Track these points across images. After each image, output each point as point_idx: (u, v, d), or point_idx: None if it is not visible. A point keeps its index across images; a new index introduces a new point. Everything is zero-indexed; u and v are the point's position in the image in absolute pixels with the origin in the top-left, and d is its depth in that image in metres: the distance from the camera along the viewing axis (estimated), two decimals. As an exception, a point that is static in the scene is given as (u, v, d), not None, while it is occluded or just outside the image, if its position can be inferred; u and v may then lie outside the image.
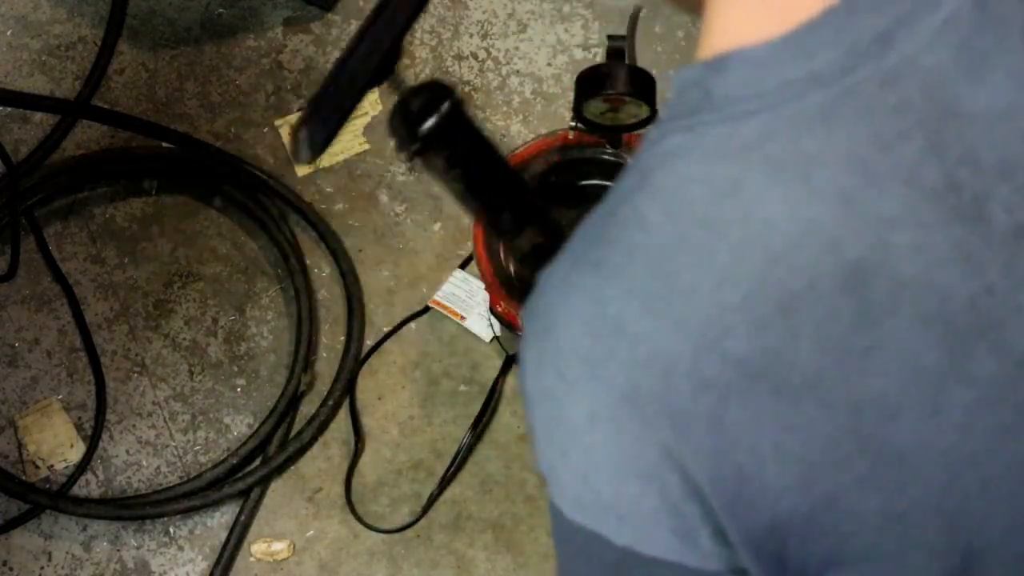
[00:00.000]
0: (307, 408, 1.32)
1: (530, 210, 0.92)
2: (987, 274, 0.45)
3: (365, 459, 1.30)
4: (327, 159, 1.43)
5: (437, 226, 1.39)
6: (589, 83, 1.05)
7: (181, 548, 1.26)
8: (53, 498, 1.25)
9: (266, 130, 1.44)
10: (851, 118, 0.45)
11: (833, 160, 0.45)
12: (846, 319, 0.45)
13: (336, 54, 1.48)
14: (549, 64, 1.47)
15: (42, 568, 1.25)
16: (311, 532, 1.27)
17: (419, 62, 1.48)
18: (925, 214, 0.45)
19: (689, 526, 0.48)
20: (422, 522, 1.27)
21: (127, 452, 1.30)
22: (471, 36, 1.49)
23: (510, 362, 1.32)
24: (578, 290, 0.48)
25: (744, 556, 0.49)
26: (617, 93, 1.04)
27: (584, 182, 1.19)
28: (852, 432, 0.46)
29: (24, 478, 1.28)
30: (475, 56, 1.48)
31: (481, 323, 1.33)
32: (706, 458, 0.47)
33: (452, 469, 1.27)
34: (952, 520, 0.46)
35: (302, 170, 1.42)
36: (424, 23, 1.49)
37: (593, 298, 0.48)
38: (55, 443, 1.30)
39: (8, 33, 1.50)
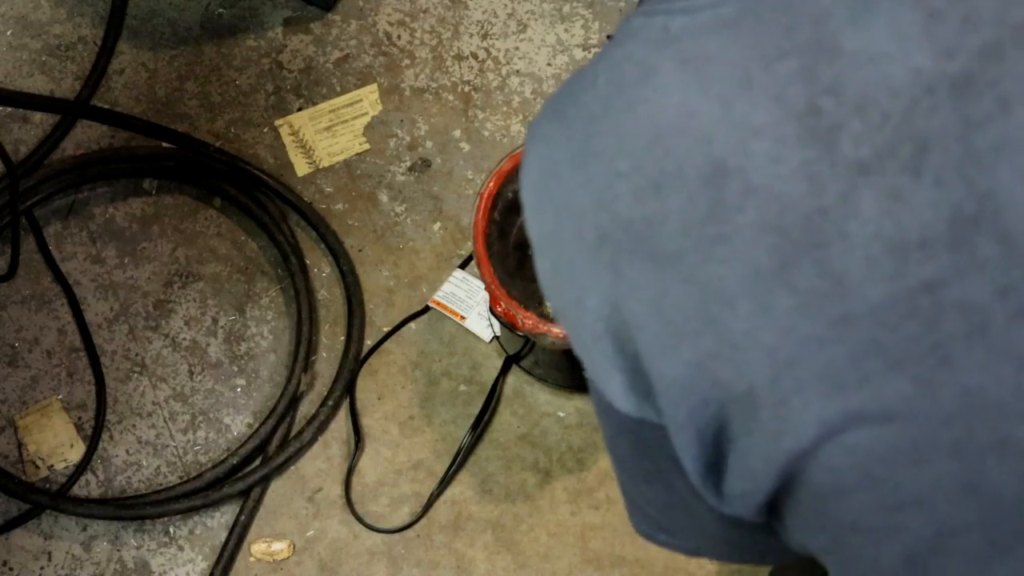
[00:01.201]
0: (307, 408, 1.32)
1: None
2: (825, 196, 0.49)
3: (365, 459, 1.30)
4: (327, 159, 1.43)
5: (437, 226, 1.39)
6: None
7: (181, 548, 1.26)
8: (53, 498, 1.25)
9: (266, 130, 1.44)
10: (749, 31, 0.51)
11: (725, 65, 0.51)
12: (702, 208, 0.50)
13: (336, 54, 1.48)
14: (549, 64, 1.47)
15: (42, 568, 1.25)
16: (311, 532, 1.27)
17: (419, 62, 1.48)
18: (785, 130, 0.49)
19: (604, 362, 0.55)
20: (422, 522, 1.27)
21: (127, 452, 1.30)
22: (471, 36, 1.49)
23: (510, 362, 1.32)
24: (543, 132, 0.57)
25: (658, 406, 0.54)
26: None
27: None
28: (702, 308, 0.51)
29: (24, 478, 1.28)
30: (475, 56, 1.48)
31: (481, 323, 1.33)
32: (608, 302, 0.53)
33: (452, 469, 1.27)
34: (779, 411, 0.51)
35: (302, 170, 1.42)
36: (424, 23, 1.49)
37: (549, 141, 0.56)
38: (55, 443, 1.30)
39: (8, 33, 1.50)
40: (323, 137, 1.44)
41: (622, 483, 0.68)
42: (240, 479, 1.27)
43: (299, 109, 1.45)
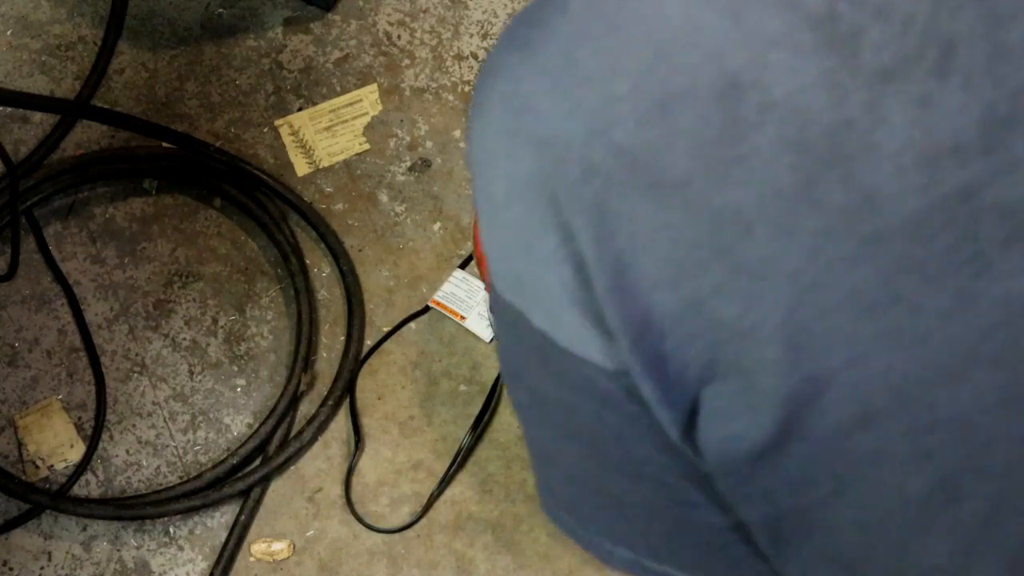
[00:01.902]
0: (307, 408, 1.32)
1: None
2: (849, 107, 0.46)
3: (365, 459, 1.30)
4: (327, 159, 1.43)
5: (437, 226, 1.39)
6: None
7: (181, 548, 1.26)
8: (53, 498, 1.25)
9: (266, 130, 1.44)
10: None
11: None
12: (716, 127, 0.46)
13: (336, 54, 1.48)
14: (549, 64, 1.47)
15: (42, 568, 1.25)
16: (311, 532, 1.27)
17: (419, 62, 1.48)
18: (802, 38, 0.46)
19: (586, 317, 0.51)
20: (422, 522, 1.27)
21: (127, 452, 1.30)
22: (471, 36, 1.49)
23: (510, 362, 1.31)
24: (503, 68, 0.52)
25: (623, 347, 0.50)
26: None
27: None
28: (711, 239, 0.47)
29: (24, 478, 1.28)
30: (475, 56, 1.48)
31: (481, 323, 1.33)
32: (592, 242, 0.49)
33: (452, 469, 1.27)
34: (794, 341, 0.47)
35: (302, 170, 1.42)
36: (424, 23, 1.50)
37: (512, 76, 0.51)
38: (55, 443, 1.30)
39: (8, 33, 1.50)
40: (323, 137, 1.44)
41: (570, 483, 0.62)
42: (240, 479, 1.27)
43: (299, 109, 1.45)
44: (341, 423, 1.31)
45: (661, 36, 0.48)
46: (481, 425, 1.29)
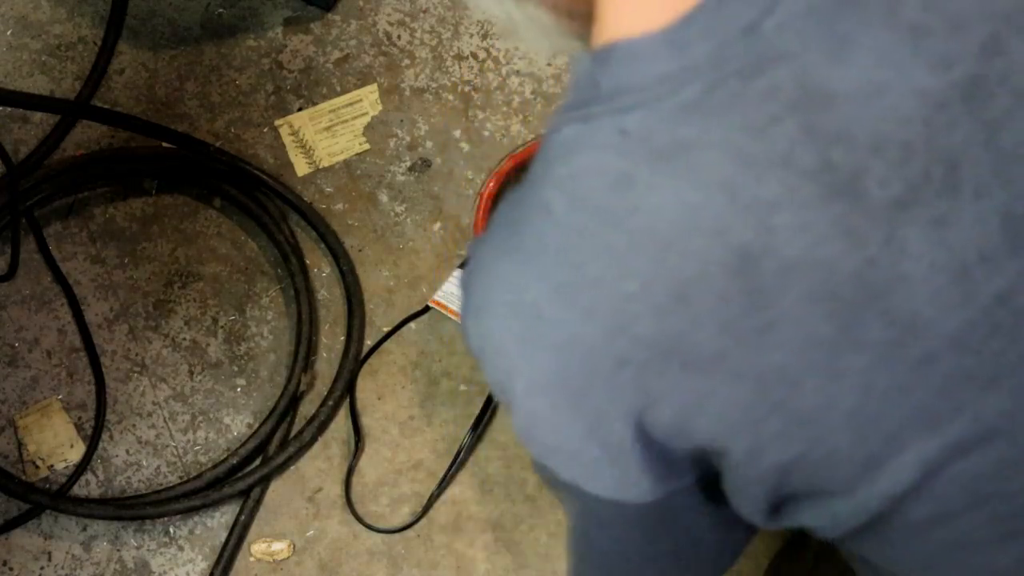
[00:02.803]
0: (307, 408, 1.32)
1: None
2: (869, 247, 0.46)
3: (365, 459, 1.30)
4: (327, 159, 1.43)
5: (437, 226, 1.39)
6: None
7: (181, 548, 1.26)
8: (53, 498, 1.25)
9: (266, 130, 1.44)
10: (723, 108, 0.47)
11: (711, 149, 0.47)
12: (739, 301, 0.47)
13: (336, 54, 1.48)
14: (549, 64, 1.47)
15: (42, 568, 1.25)
16: (311, 532, 1.27)
17: (419, 62, 1.48)
18: (804, 194, 0.46)
19: (628, 469, 0.53)
20: (422, 522, 1.27)
21: (127, 452, 1.30)
22: (471, 36, 1.49)
23: (510, 362, 1.32)
24: (500, 276, 0.52)
25: (688, 483, 0.54)
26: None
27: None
28: (762, 398, 0.48)
29: (24, 478, 1.28)
30: (475, 56, 1.48)
31: (481, 323, 1.33)
32: (639, 410, 0.51)
33: (452, 469, 1.27)
34: (864, 466, 0.49)
35: (302, 170, 1.42)
36: (424, 23, 1.50)
37: (512, 285, 0.52)
38: (55, 443, 1.30)
39: (8, 33, 1.50)
40: (323, 137, 1.44)
41: None
42: (240, 479, 1.27)
43: (299, 109, 1.45)
44: (341, 423, 1.31)
45: (659, 226, 0.48)
46: (481, 425, 1.29)
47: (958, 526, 0.51)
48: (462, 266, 1.34)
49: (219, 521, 1.27)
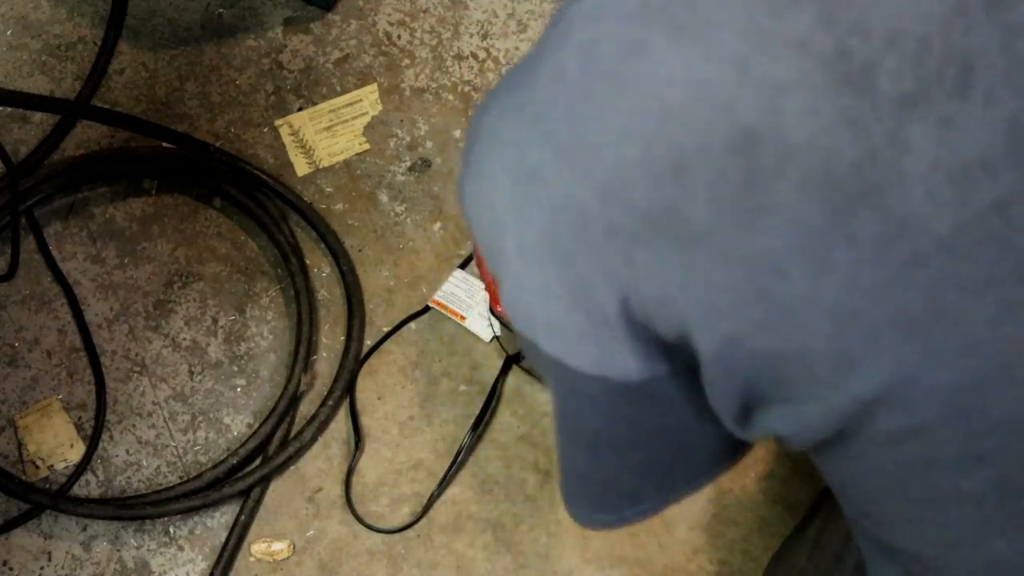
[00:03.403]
0: (307, 408, 1.32)
1: None
2: (872, 140, 0.46)
3: (365, 459, 1.30)
4: (327, 159, 1.43)
5: (437, 226, 1.39)
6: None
7: (181, 548, 1.26)
8: (53, 498, 1.25)
9: (266, 130, 1.44)
10: None
11: (729, 25, 0.47)
12: (736, 180, 0.47)
13: (336, 54, 1.48)
14: (549, 64, 1.47)
15: (42, 568, 1.25)
16: (311, 532, 1.27)
17: (419, 62, 1.48)
18: (816, 80, 0.46)
19: (611, 343, 0.53)
20: (422, 522, 1.27)
21: (127, 452, 1.30)
22: (471, 36, 1.49)
23: (510, 362, 1.32)
24: (502, 138, 0.53)
25: (663, 370, 0.54)
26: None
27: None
28: (747, 282, 0.48)
29: (24, 478, 1.28)
30: (475, 56, 1.48)
31: (481, 323, 1.33)
32: (624, 284, 0.51)
33: (452, 469, 1.27)
34: (838, 366, 0.49)
35: (302, 170, 1.42)
36: (424, 23, 1.50)
37: (515, 144, 0.52)
38: (55, 443, 1.30)
39: (8, 33, 1.50)
40: (323, 137, 1.44)
41: (596, 467, 0.67)
42: (240, 479, 1.27)
43: (299, 109, 1.45)
44: (341, 423, 1.31)
45: (667, 95, 0.48)
46: (481, 425, 1.29)
47: (930, 441, 0.50)
48: (462, 266, 1.35)
49: (219, 521, 1.27)
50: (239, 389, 1.33)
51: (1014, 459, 0.49)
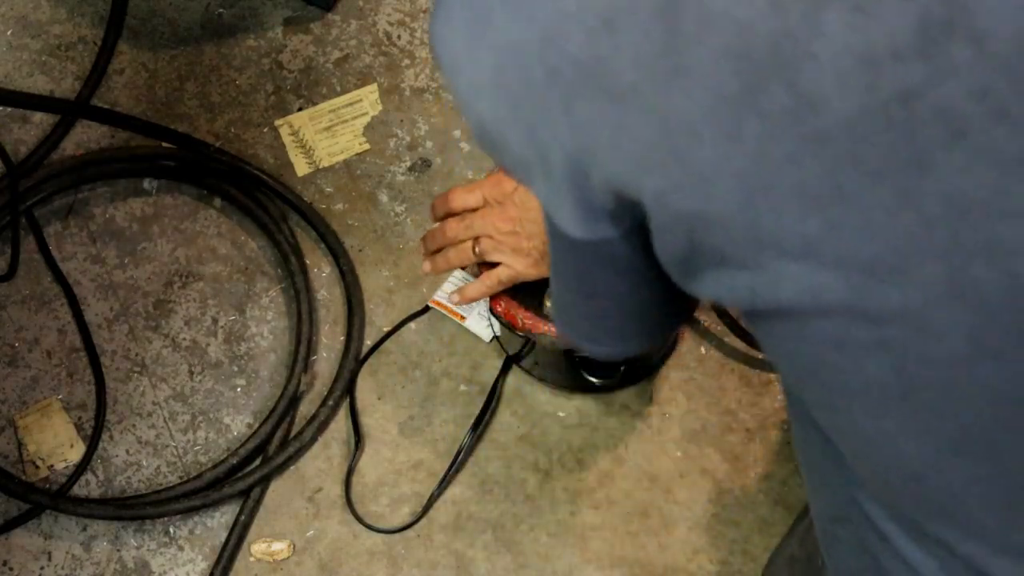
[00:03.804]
0: (307, 408, 1.32)
1: None
2: (788, 18, 0.47)
3: (365, 459, 1.30)
4: (327, 159, 1.43)
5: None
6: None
7: (181, 548, 1.26)
8: (53, 498, 1.25)
9: (266, 130, 1.44)
10: None
11: None
12: (658, 41, 0.49)
13: (336, 54, 1.48)
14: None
15: (42, 568, 1.25)
16: (311, 532, 1.27)
17: (419, 62, 1.48)
18: None
19: (557, 194, 0.57)
20: (422, 522, 1.27)
21: (127, 452, 1.30)
22: (471, 36, 1.49)
23: (510, 362, 1.32)
24: None
25: (604, 227, 0.57)
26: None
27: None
28: (665, 141, 0.51)
29: (24, 478, 1.28)
30: (475, 56, 1.48)
31: (481, 323, 1.33)
32: (564, 135, 0.54)
33: (452, 469, 1.27)
34: (749, 235, 0.51)
35: (302, 170, 1.42)
36: (424, 23, 1.49)
37: None
38: (55, 443, 1.30)
39: (8, 33, 1.50)
40: (323, 137, 1.44)
41: (563, 302, 0.71)
42: (240, 479, 1.27)
43: (299, 109, 1.45)
44: (341, 423, 1.31)
45: None
46: (481, 425, 1.29)
47: (836, 323, 0.52)
48: (463, 266, 1.35)
49: (219, 521, 1.27)
50: (239, 389, 1.33)
51: (912, 352, 0.51)
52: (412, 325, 1.35)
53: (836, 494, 0.62)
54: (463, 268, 1.35)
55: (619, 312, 0.68)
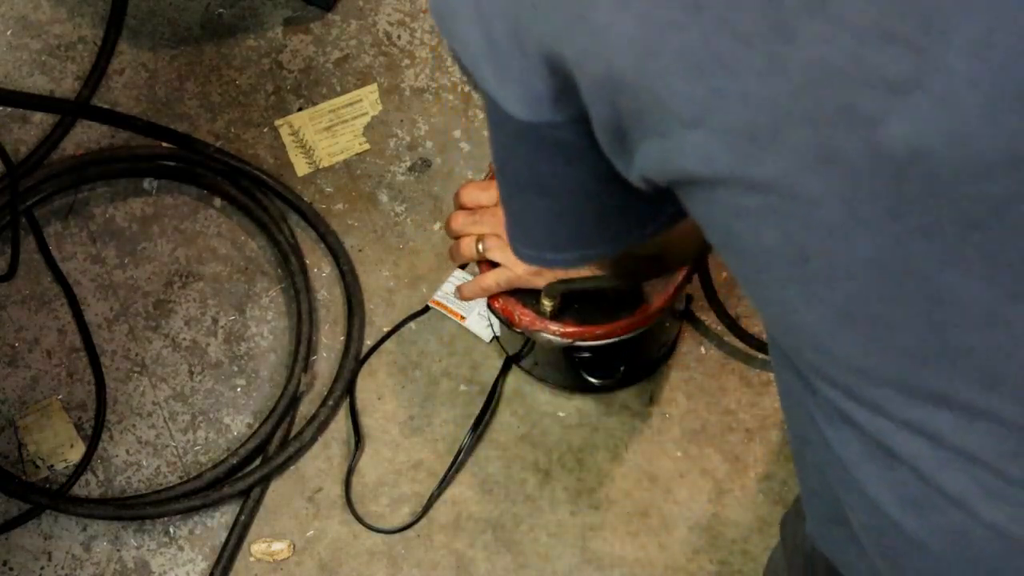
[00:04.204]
0: (307, 408, 1.32)
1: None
2: None
3: (365, 459, 1.30)
4: (327, 159, 1.43)
5: (437, 226, 1.39)
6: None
7: (181, 548, 1.26)
8: (53, 498, 1.25)
9: (266, 130, 1.44)
10: None
11: None
12: None
13: (336, 54, 1.48)
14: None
15: (42, 568, 1.25)
16: (311, 532, 1.27)
17: (419, 62, 1.48)
18: None
19: (503, 71, 0.58)
20: (422, 522, 1.27)
21: (127, 452, 1.30)
22: (471, 36, 1.49)
23: (510, 362, 1.32)
24: None
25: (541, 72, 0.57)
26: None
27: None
28: (572, 6, 0.53)
29: (24, 478, 1.28)
30: (475, 56, 1.48)
31: (481, 323, 1.33)
32: (512, 14, 0.55)
33: (452, 469, 1.27)
34: (643, 101, 0.53)
35: (302, 170, 1.42)
36: (424, 23, 1.49)
37: None
38: (55, 443, 1.30)
39: (8, 33, 1.50)
40: (323, 137, 1.44)
41: (514, 203, 0.71)
42: (240, 479, 1.27)
43: (299, 109, 1.45)
44: (341, 423, 1.31)
45: None
46: (481, 425, 1.29)
47: (727, 189, 0.53)
48: (463, 266, 1.34)
49: (219, 521, 1.27)
50: (239, 389, 1.33)
51: (795, 219, 0.52)
52: (412, 325, 1.35)
53: (800, 413, 0.63)
54: (462, 268, 1.35)
55: (575, 210, 0.68)
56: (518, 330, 1.17)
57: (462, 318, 1.33)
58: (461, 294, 1.20)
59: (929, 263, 0.51)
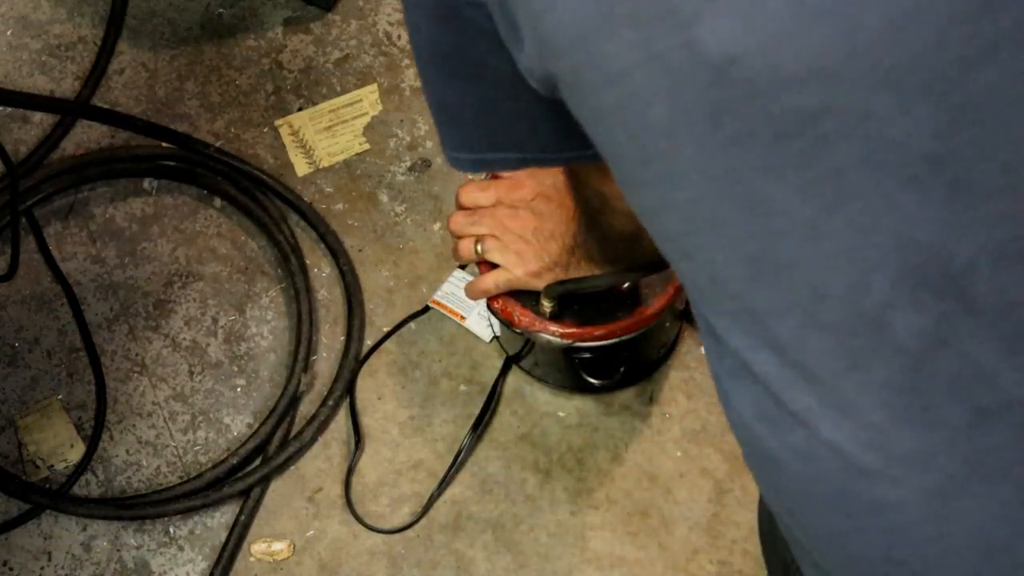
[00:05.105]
0: (307, 408, 1.32)
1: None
2: None
3: (365, 459, 1.30)
4: (327, 159, 1.43)
5: (437, 226, 1.39)
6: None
7: (181, 548, 1.26)
8: (53, 498, 1.25)
9: (266, 130, 1.44)
10: None
11: None
12: None
13: (336, 54, 1.48)
14: (549, 64, 1.47)
15: (42, 568, 1.25)
16: (311, 532, 1.27)
17: (419, 62, 1.47)
18: None
19: None
20: (422, 522, 1.27)
21: (127, 452, 1.30)
22: (471, 36, 1.49)
23: (510, 362, 1.32)
24: None
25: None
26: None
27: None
28: None
29: (24, 478, 1.28)
30: (475, 56, 1.48)
31: (481, 323, 1.33)
32: None
33: (452, 469, 1.27)
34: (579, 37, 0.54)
35: (302, 170, 1.42)
36: (424, 23, 1.50)
37: None
38: (55, 443, 1.30)
39: (8, 33, 1.50)
40: (323, 137, 1.44)
41: (441, 97, 0.70)
42: (240, 479, 1.27)
43: (299, 109, 1.45)
44: (341, 423, 1.31)
45: None
46: (481, 425, 1.29)
47: (593, 91, 0.53)
48: (463, 266, 1.34)
49: (219, 521, 1.27)
50: (239, 389, 1.33)
51: (635, 118, 0.52)
52: (412, 325, 1.35)
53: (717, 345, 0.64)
54: (462, 268, 1.35)
55: (509, 101, 0.66)
56: (518, 331, 1.17)
57: (462, 318, 1.33)
58: (467, 294, 1.20)
59: (753, 174, 0.51)
